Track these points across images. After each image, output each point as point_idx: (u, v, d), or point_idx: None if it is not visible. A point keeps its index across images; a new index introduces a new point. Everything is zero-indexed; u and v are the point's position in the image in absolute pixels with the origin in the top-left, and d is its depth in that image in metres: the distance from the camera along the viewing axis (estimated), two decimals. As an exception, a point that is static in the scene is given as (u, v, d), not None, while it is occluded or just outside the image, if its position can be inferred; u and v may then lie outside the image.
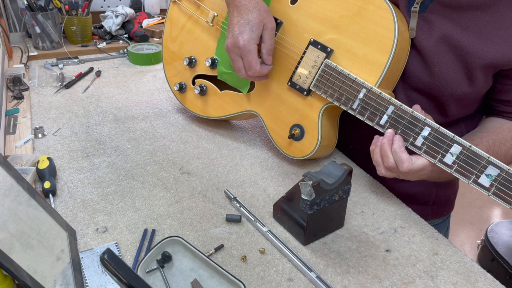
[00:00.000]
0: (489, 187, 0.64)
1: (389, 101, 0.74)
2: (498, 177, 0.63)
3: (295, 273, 0.69)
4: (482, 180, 0.65)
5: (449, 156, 0.68)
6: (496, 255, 1.84)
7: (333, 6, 0.83)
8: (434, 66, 0.80)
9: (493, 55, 0.75)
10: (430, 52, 0.79)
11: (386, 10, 0.77)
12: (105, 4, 1.73)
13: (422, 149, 0.71)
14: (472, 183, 0.66)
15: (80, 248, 0.70)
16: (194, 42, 1.05)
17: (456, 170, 0.67)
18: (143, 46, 1.49)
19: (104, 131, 1.03)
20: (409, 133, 0.72)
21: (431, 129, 0.70)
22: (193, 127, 1.08)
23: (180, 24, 1.07)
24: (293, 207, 0.74)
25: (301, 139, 0.90)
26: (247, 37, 0.81)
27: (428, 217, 0.98)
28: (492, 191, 0.64)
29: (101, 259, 0.44)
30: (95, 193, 0.83)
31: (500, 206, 2.66)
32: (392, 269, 0.71)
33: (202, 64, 1.04)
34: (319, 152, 0.91)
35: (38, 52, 1.44)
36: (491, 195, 0.64)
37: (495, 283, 0.69)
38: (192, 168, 0.92)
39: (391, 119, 0.74)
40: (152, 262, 0.66)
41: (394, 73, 0.81)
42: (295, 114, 0.90)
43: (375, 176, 0.93)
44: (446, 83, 0.80)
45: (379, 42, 0.77)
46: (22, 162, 0.88)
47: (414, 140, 0.72)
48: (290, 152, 0.92)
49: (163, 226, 0.76)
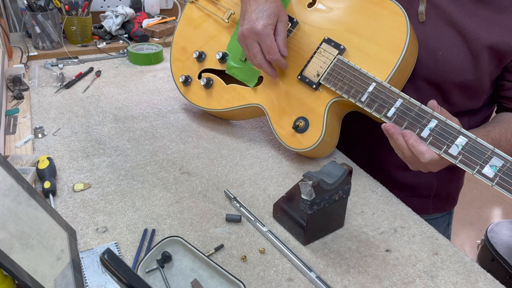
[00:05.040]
0: (493, 178, 0.65)
1: (398, 94, 0.75)
2: (502, 167, 0.64)
3: (295, 273, 0.69)
4: (486, 171, 0.65)
5: (454, 147, 0.68)
6: (496, 255, 1.84)
7: (349, 10, 0.87)
8: (438, 50, 0.81)
9: (498, 39, 0.77)
10: (436, 36, 0.81)
11: (400, 15, 0.81)
12: (105, 4, 1.73)
13: (428, 140, 0.71)
14: (476, 173, 0.66)
15: (80, 248, 0.70)
16: (206, 39, 1.07)
17: (461, 160, 0.68)
18: (143, 46, 1.49)
19: (104, 131, 1.03)
20: (415, 125, 0.73)
21: (438, 121, 0.70)
22: (193, 127, 1.08)
23: (194, 22, 1.10)
24: (293, 207, 0.74)
25: (304, 131, 0.90)
26: (265, 22, 0.82)
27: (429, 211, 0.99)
28: (496, 182, 0.64)
29: (101, 259, 0.44)
30: (95, 193, 0.83)
31: (500, 206, 2.66)
32: (392, 269, 0.71)
33: (211, 59, 1.05)
34: (319, 149, 0.91)
35: (38, 52, 1.44)
36: (495, 186, 0.64)
37: (495, 283, 0.69)
38: (192, 168, 0.92)
39: (399, 111, 0.75)
40: (152, 262, 0.66)
41: (402, 74, 0.83)
42: (301, 107, 0.91)
43: (375, 176, 0.93)
44: (450, 68, 0.81)
45: (391, 43, 0.81)
46: (22, 162, 0.88)
47: (420, 132, 0.72)
48: (290, 143, 0.92)
49: (163, 226, 0.76)
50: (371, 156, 0.98)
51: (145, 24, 1.63)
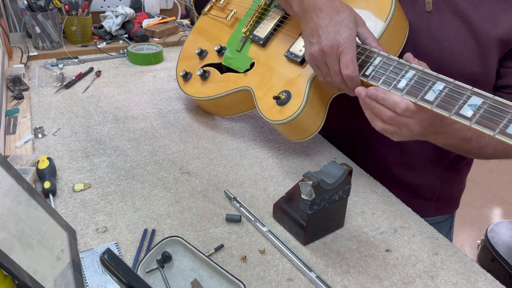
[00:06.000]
0: (471, 117, 0.60)
1: (377, 53, 0.74)
2: (483, 105, 0.59)
3: (295, 273, 0.69)
4: (465, 111, 0.60)
5: (431, 93, 0.64)
6: (496, 255, 1.84)
7: None
8: (444, 40, 0.79)
9: (506, 28, 0.74)
10: (442, 26, 0.79)
11: None
12: (105, 4, 1.73)
13: (404, 90, 0.67)
14: (453, 115, 0.61)
15: (80, 248, 0.70)
16: (209, 38, 1.12)
17: (438, 105, 0.63)
18: (143, 46, 1.49)
19: (104, 131, 1.03)
20: (394, 78, 0.70)
21: (416, 71, 0.67)
22: (193, 127, 1.08)
23: (204, 29, 1.16)
24: (293, 207, 0.74)
25: (285, 104, 0.88)
26: (347, 34, 0.72)
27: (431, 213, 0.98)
28: (475, 120, 0.59)
29: (101, 259, 0.44)
30: (95, 193, 0.83)
31: (500, 206, 2.66)
32: (392, 269, 0.71)
33: (212, 54, 1.09)
34: (299, 124, 0.88)
35: (38, 52, 1.44)
36: (474, 124, 0.59)
37: (495, 283, 0.69)
38: (192, 168, 0.92)
39: (378, 68, 0.73)
40: (152, 262, 0.66)
41: (391, 41, 0.83)
42: (285, 81, 0.91)
43: (378, 176, 0.93)
44: (455, 59, 0.79)
45: (377, 9, 0.82)
46: (22, 162, 0.88)
47: (397, 83, 0.69)
48: (270, 115, 0.90)
49: (163, 226, 0.76)
50: (374, 155, 0.97)
51: (145, 24, 1.63)
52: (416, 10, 0.82)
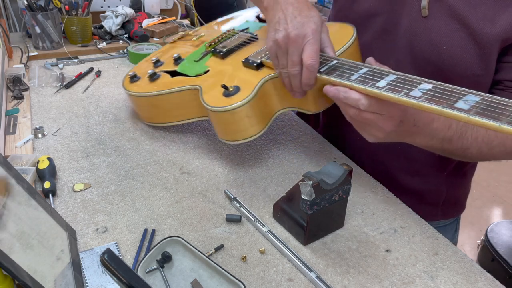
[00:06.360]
0: (469, 109, 0.56)
1: (334, 57, 0.77)
2: (481, 101, 0.56)
3: (295, 273, 0.69)
4: (460, 105, 0.57)
5: (417, 91, 0.62)
6: (496, 255, 1.84)
7: None
8: (442, 44, 0.78)
9: (506, 27, 0.73)
10: (439, 30, 0.78)
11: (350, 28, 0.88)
12: (105, 4, 1.73)
13: (384, 88, 0.64)
14: (446, 107, 0.57)
15: (80, 248, 0.70)
16: (170, 54, 1.11)
17: (426, 99, 0.60)
18: (143, 46, 1.49)
19: (104, 131, 1.03)
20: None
21: (396, 76, 0.66)
22: (193, 127, 1.08)
23: (166, 51, 1.16)
24: (293, 207, 0.74)
25: (232, 96, 0.85)
26: (315, 28, 0.73)
27: (437, 217, 0.97)
28: (473, 112, 0.55)
29: (101, 259, 0.44)
30: (95, 193, 0.83)
31: (500, 206, 2.66)
32: (392, 269, 0.71)
33: (167, 64, 1.07)
34: (237, 120, 0.85)
35: (38, 52, 1.44)
36: (472, 116, 0.55)
37: (495, 283, 0.69)
38: (192, 168, 0.92)
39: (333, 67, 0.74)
40: (152, 262, 0.66)
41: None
42: (237, 80, 0.89)
43: (383, 183, 0.92)
44: (455, 62, 0.78)
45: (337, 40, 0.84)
46: (22, 162, 0.88)
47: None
48: (212, 102, 0.86)
49: (163, 226, 0.76)
50: (378, 162, 0.96)
51: (145, 24, 1.63)
52: (412, 16, 0.81)
